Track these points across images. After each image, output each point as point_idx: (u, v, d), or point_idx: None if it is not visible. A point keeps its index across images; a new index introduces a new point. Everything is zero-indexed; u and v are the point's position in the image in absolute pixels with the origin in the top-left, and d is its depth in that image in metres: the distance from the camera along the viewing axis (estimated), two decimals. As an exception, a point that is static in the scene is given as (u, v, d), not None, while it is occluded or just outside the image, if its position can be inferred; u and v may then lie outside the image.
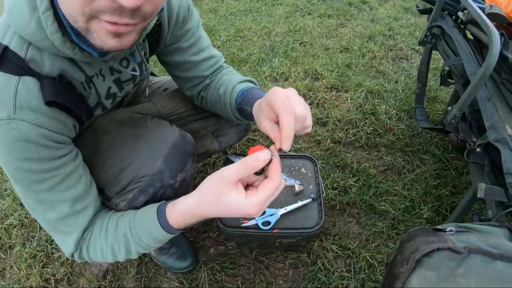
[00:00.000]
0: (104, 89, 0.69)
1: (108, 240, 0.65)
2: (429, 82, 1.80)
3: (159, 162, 0.72)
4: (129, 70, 0.70)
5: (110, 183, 0.72)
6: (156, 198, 0.73)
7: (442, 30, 1.23)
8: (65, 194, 0.61)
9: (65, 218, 0.62)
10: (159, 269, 1.08)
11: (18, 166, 0.55)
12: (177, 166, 0.75)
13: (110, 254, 0.65)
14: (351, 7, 2.70)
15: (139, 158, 0.72)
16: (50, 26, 0.49)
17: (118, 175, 0.71)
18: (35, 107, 0.53)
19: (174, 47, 0.79)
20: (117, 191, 0.72)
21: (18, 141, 0.53)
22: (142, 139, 0.75)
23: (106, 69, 0.67)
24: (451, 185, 1.33)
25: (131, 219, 0.64)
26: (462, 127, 0.99)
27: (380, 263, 1.09)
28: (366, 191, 1.30)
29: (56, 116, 0.57)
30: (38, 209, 0.61)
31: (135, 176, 0.71)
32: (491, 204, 0.81)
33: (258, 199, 0.50)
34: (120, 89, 0.74)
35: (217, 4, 2.74)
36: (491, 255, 0.53)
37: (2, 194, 1.32)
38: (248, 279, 1.06)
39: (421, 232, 0.63)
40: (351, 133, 1.53)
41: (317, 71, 1.90)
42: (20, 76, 0.52)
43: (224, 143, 1.05)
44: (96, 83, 0.66)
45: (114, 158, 0.73)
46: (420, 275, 0.53)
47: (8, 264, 1.11)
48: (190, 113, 0.99)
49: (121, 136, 0.77)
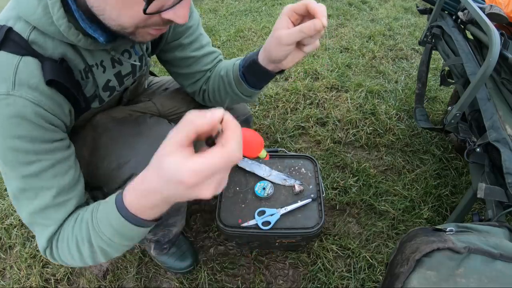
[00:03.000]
0: (103, 81, 0.69)
1: (74, 230, 0.57)
2: (429, 82, 1.80)
3: None
4: (131, 61, 0.71)
5: (109, 180, 0.73)
6: None
7: (442, 30, 1.23)
8: (51, 181, 0.58)
9: (45, 209, 0.59)
10: (159, 269, 1.08)
11: (9, 144, 0.54)
12: None
13: (75, 250, 0.57)
14: (351, 7, 2.70)
15: (138, 155, 0.72)
16: (56, 12, 0.52)
17: (116, 172, 0.72)
18: (34, 85, 0.54)
19: (175, 43, 0.80)
20: (115, 188, 0.72)
21: (13, 117, 0.53)
22: (141, 137, 0.76)
23: (107, 61, 0.67)
24: (451, 185, 1.33)
25: (95, 206, 0.56)
26: (462, 127, 0.99)
27: (380, 263, 1.09)
28: (366, 191, 1.30)
29: (54, 97, 0.57)
30: (20, 198, 0.59)
31: (134, 173, 0.71)
32: (491, 204, 0.81)
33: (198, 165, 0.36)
34: (120, 83, 0.74)
35: (217, 4, 2.74)
36: (491, 255, 0.53)
37: (2, 194, 1.32)
38: (248, 279, 1.06)
39: (421, 232, 0.63)
40: (351, 133, 1.53)
41: (317, 71, 1.90)
42: (22, 56, 0.53)
43: None
44: (96, 73, 0.66)
45: (113, 155, 0.73)
46: (420, 275, 0.53)
47: (8, 264, 1.11)
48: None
49: (121, 134, 0.77)
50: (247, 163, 1.06)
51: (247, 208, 0.96)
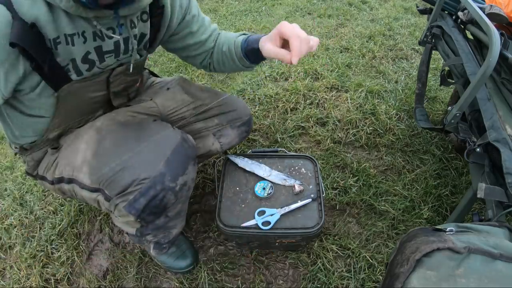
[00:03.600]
0: (82, 52, 0.69)
1: None
2: (429, 82, 1.80)
3: (161, 165, 0.72)
4: (113, 40, 0.72)
5: (111, 183, 0.72)
6: (156, 200, 0.73)
7: (442, 30, 1.23)
8: None
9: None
10: (159, 269, 1.08)
11: None
12: (179, 170, 0.75)
13: None
14: (351, 7, 2.70)
15: (141, 160, 0.73)
16: None
17: (119, 175, 0.72)
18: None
19: (185, 32, 0.87)
20: (117, 191, 0.72)
21: None
22: (144, 141, 0.76)
23: (89, 32, 0.67)
24: (451, 185, 1.33)
25: None
26: (462, 127, 0.99)
27: (380, 263, 1.08)
28: (366, 191, 1.30)
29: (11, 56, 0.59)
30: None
31: (137, 177, 0.71)
32: (491, 204, 0.81)
33: None
34: (101, 60, 0.74)
35: (217, 4, 2.74)
36: (491, 255, 0.53)
37: (2, 194, 1.32)
38: (248, 279, 1.06)
39: (421, 232, 0.63)
40: (351, 133, 1.53)
41: (317, 71, 1.90)
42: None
43: (226, 144, 1.05)
44: (76, 42, 0.66)
45: (117, 158, 0.73)
46: (420, 275, 0.53)
47: (8, 264, 1.11)
48: (191, 113, 0.99)
49: (124, 137, 0.77)
50: (247, 163, 1.06)
51: (247, 208, 0.96)
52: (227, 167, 1.09)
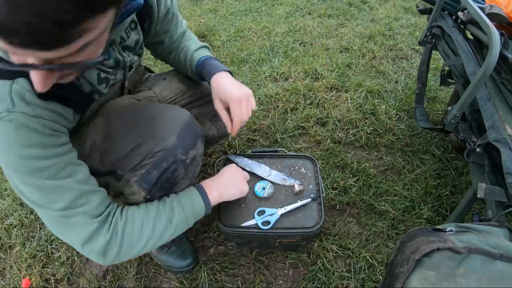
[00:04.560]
0: (94, 77, 0.72)
1: (150, 212, 0.72)
2: (429, 82, 1.80)
3: (173, 138, 0.75)
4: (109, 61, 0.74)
5: (124, 161, 0.74)
6: (168, 173, 0.75)
7: (442, 30, 1.23)
8: (68, 180, 0.62)
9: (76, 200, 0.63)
10: (159, 269, 1.08)
11: (21, 154, 0.57)
12: (189, 144, 0.78)
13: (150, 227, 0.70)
14: (351, 7, 2.70)
15: (154, 135, 0.75)
16: None
17: (133, 151, 0.74)
18: (30, 101, 0.56)
19: (163, 29, 0.90)
20: (130, 167, 0.74)
21: (19, 129, 0.55)
22: (156, 119, 0.78)
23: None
24: (451, 185, 1.33)
25: (172, 196, 0.77)
26: (462, 127, 0.99)
27: (380, 263, 1.09)
28: (366, 191, 1.30)
29: (50, 107, 0.60)
30: (46, 202, 0.61)
31: (150, 151, 0.73)
32: (491, 204, 0.81)
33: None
34: (111, 75, 0.77)
35: (217, 4, 2.74)
36: (491, 255, 0.53)
37: (2, 194, 1.32)
38: (248, 279, 1.06)
39: (421, 232, 0.63)
40: (351, 133, 1.53)
41: (317, 71, 1.90)
42: (13, 80, 0.56)
43: (222, 128, 1.06)
44: (85, 72, 0.68)
45: (129, 137, 0.75)
46: (420, 275, 0.53)
47: (8, 264, 1.11)
48: (187, 101, 1.02)
49: (134, 117, 0.80)
50: (247, 162, 1.06)
51: (247, 208, 0.96)
52: (227, 167, 1.09)
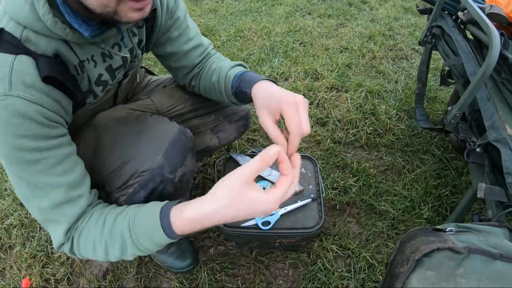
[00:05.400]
0: (95, 75, 0.69)
1: (104, 235, 0.61)
2: (429, 82, 1.80)
3: (159, 157, 0.73)
4: (121, 54, 0.72)
5: (111, 179, 0.73)
6: (156, 193, 0.73)
7: (442, 30, 1.23)
8: (60, 179, 0.59)
9: (59, 205, 0.60)
10: (159, 269, 1.08)
11: (13, 144, 0.54)
12: (177, 161, 0.76)
13: (102, 250, 0.61)
14: (351, 7, 2.70)
15: (139, 153, 0.73)
16: (42, 8, 0.52)
17: (119, 170, 0.72)
18: (30, 84, 0.54)
19: (165, 37, 0.83)
20: (117, 186, 0.72)
21: (13, 117, 0.53)
22: (142, 135, 0.76)
23: (98, 55, 0.67)
24: (451, 185, 1.33)
25: (131, 219, 0.60)
26: (462, 127, 0.99)
27: (380, 263, 1.08)
28: (366, 191, 1.30)
29: (52, 93, 0.58)
30: (31, 197, 0.60)
31: (136, 171, 0.72)
32: (491, 204, 0.81)
33: (278, 194, 0.53)
34: (112, 77, 0.75)
35: (217, 4, 2.73)
36: (491, 255, 0.53)
37: (2, 194, 1.32)
38: (248, 279, 1.06)
39: (421, 232, 0.63)
40: (351, 133, 1.53)
41: (317, 71, 1.90)
42: (16, 55, 0.54)
43: (224, 139, 1.05)
44: (88, 68, 0.66)
45: (115, 154, 0.74)
46: (420, 275, 0.53)
47: (8, 264, 1.11)
48: (188, 109, 1.00)
49: (122, 132, 0.78)
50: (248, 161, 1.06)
51: (247, 208, 0.96)
52: (227, 167, 1.09)
